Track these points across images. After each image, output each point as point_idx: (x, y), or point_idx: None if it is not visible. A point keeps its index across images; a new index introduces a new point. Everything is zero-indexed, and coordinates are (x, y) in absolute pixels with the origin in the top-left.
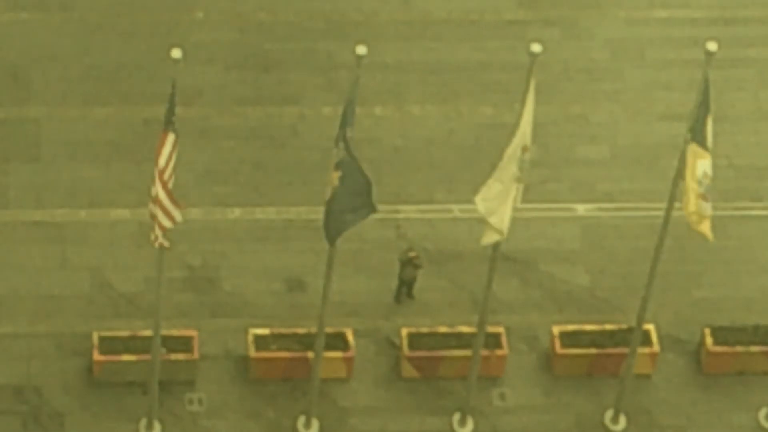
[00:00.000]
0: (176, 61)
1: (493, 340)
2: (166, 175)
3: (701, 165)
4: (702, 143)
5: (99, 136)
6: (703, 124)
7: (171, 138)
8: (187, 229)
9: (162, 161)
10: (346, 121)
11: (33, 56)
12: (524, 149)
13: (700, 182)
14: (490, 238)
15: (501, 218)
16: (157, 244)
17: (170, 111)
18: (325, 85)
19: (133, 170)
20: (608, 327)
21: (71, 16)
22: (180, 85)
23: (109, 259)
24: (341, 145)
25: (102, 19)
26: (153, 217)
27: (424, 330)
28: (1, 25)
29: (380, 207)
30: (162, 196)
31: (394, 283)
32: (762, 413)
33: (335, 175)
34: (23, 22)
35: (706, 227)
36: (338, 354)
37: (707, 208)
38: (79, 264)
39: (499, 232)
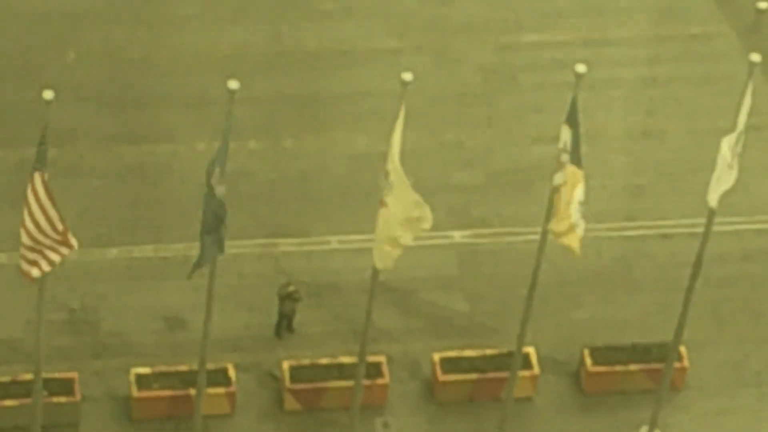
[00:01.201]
0: (48, 102)
1: (375, 370)
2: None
3: (580, 190)
4: (578, 164)
5: None
6: (577, 145)
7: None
8: (64, 271)
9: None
10: (221, 157)
11: None
12: (385, 173)
13: (577, 209)
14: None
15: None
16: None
17: (42, 152)
18: (199, 120)
19: (8, 213)
20: (488, 352)
21: None
22: (52, 125)
23: None
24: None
25: None
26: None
27: (306, 362)
28: None
29: (257, 241)
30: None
31: (273, 317)
32: (643, 431)
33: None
34: None
35: (574, 239)
36: (220, 390)
37: (580, 228)
38: None
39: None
